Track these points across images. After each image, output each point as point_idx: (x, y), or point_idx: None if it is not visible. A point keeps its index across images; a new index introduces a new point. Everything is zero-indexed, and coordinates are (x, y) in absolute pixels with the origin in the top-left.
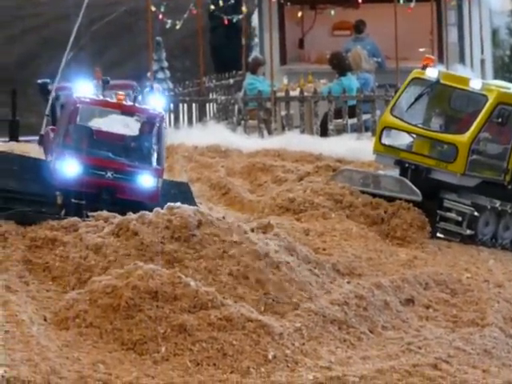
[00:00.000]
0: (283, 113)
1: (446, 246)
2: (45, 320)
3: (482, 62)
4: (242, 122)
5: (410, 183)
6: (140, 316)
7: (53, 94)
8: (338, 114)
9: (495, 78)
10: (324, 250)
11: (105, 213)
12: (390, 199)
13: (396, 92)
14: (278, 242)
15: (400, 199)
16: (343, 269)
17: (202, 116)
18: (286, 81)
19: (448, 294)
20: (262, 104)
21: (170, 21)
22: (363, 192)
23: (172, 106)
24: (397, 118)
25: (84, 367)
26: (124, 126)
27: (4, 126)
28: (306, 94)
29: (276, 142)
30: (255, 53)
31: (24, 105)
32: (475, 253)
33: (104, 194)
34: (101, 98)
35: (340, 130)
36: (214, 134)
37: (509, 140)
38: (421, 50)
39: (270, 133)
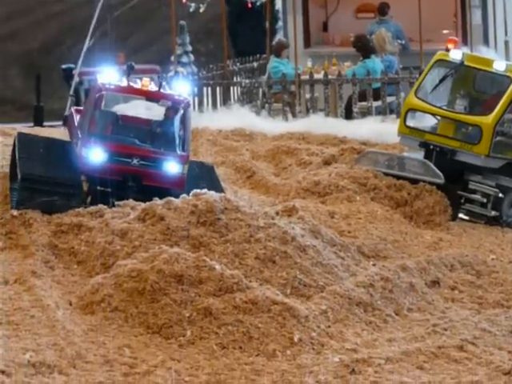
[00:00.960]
0: (307, 96)
1: (471, 227)
2: (70, 304)
3: (506, 43)
4: (267, 105)
5: (433, 166)
6: (165, 300)
7: (76, 79)
8: (363, 96)
9: None
10: (349, 232)
11: (131, 202)
12: (414, 181)
13: (420, 74)
14: (302, 225)
15: (424, 181)
16: (368, 251)
17: (226, 99)
18: (310, 64)
19: (473, 276)
20: (287, 87)
21: (193, 4)
22: (387, 174)
23: (196, 89)
24: (421, 100)
25: (109, 351)
26: (150, 111)
27: (29, 111)
28: (330, 76)
29: (300, 125)
30: (279, 36)
31: (48, 90)
32: (500, 234)
33: (130, 181)
34: (125, 84)
35: (364, 113)
36: (238, 117)
37: None
38: (444, 31)
39: (294, 116)
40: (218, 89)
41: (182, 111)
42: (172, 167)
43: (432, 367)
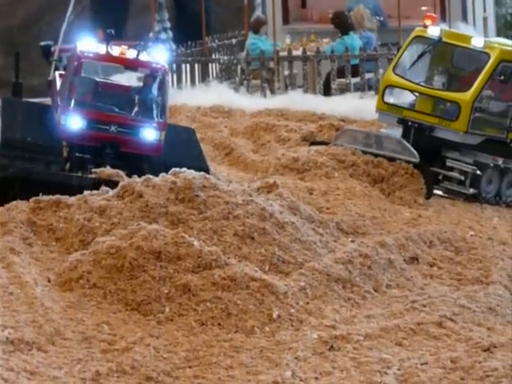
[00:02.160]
0: (286, 72)
1: (450, 204)
2: (49, 281)
3: (485, 20)
4: (245, 81)
5: (408, 145)
6: (144, 276)
7: (56, 56)
8: (341, 73)
9: (498, 36)
10: (328, 209)
11: (108, 169)
12: (391, 159)
13: (398, 50)
14: (281, 201)
15: (400, 160)
16: (347, 227)
17: (204, 76)
18: (288, 40)
19: (452, 252)
20: (265, 64)
21: None
22: (364, 152)
23: (175, 66)
24: (399, 76)
25: (88, 328)
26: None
27: (7, 88)
28: (308, 53)
29: (279, 102)
30: (257, 12)
31: (27, 67)
32: (479, 211)
33: (108, 148)
34: (104, 51)
35: (343, 89)
36: (216, 94)
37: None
38: (423, 8)
39: (272, 92)
40: (196, 66)
41: (159, 78)
42: (149, 134)
43: (411, 344)
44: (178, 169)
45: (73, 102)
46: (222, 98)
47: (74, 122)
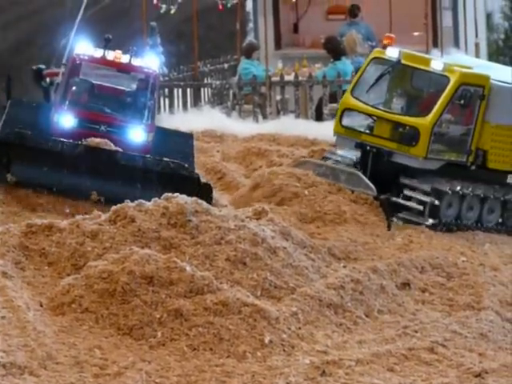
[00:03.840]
0: (278, 97)
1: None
2: (41, 306)
3: (477, 45)
4: (237, 106)
5: (365, 178)
6: (136, 301)
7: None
8: (333, 98)
9: (489, 61)
10: (319, 234)
11: (97, 139)
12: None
13: (357, 72)
14: (273, 227)
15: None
16: (339, 253)
17: (196, 101)
18: (280, 65)
19: (444, 278)
20: (257, 89)
21: (164, 6)
22: None
23: (167, 90)
24: (357, 99)
25: (80, 352)
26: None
27: None
28: (300, 78)
29: (271, 127)
30: (250, 37)
31: (19, 91)
32: (471, 236)
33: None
34: (99, 55)
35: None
36: (208, 118)
37: (471, 120)
38: (415, 33)
39: (264, 117)
40: (188, 90)
41: (150, 83)
42: (137, 135)
43: (402, 369)
44: (170, 194)
45: (66, 101)
46: (214, 123)
47: (66, 121)
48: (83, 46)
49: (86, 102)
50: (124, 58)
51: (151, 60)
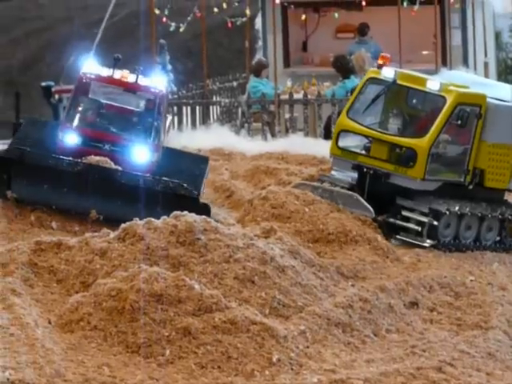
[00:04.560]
0: (287, 115)
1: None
2: (49, 323)
3: (486, 64)
4: (246, 124)
5: (362, 200)
6: (144, 319)
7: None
8: None
9: (499, 80)
10: (326, 253)
11: (97, 157)
12: None
13: (352, 93)
14: (281, 245)
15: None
16: (347, 272)
17: (205, 119)
18: (289, 83)
19: (452, 297)
20: (266, 107)
21: (173, 24)
22: None
23: (176, 108)
24: (353, 120)
25: (89, 370)
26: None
27: (7, 128)
28: (309, 96)
29: (280, 145)
30: (258, 55)
31: (27, 107)
32: (479, 256)
33: None
34: (106, 74)
35: None
36: (217, 136)
37: (468, 140)
38: (424, 52)
39: (273, 136)
40: (197, 108)
41: (156, 102)
42: (141, 154)
43: None
44: (178, 212)
45: (71, 119)
46: (223, 141)
47: (70, 139)
48: (90, 65)
49: (91, 121)
50: (131, 78)
51: (158, 79)
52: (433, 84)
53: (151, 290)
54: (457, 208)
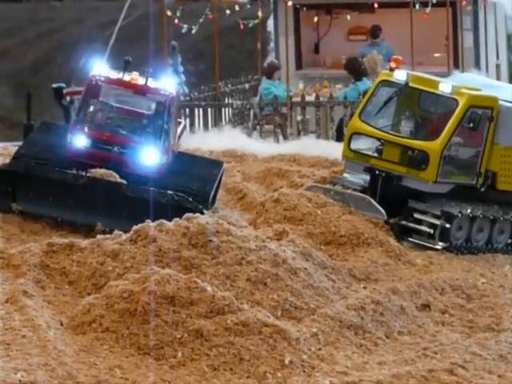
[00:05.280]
0: (299, 118)
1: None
2: (61, 325)
3: (498, 66)
4: (258, 126)
5: (375, 203)
6: (156, 321)
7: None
8: None
9: (510, 82)
10: (338, 255)
11: (102, 170)
12: None
13: (364, 95)
14: (293, 248)
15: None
16: (359, 274)
17: (217, 121)
18: (301, 86)
19: (464, 300)
20: (278, 109)
21: (185, 25)
22: None
23: (188, 110)
24: (365, 123)
25: (101, 372)
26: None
27: (18, 129)
28: (321, 99)
29: (292, 147)
30: (270, 57)
31: (38, 109)
32: (491, 258)
33: (110, 168)
34: (115, 76)
35: None
36: (229, 138)
37: (480, 143)
38: (436, 55)
39: (285, 138)
40: (209, 110)
41: (166, 104)
42: (151, 157)
43: None
44: (191, 214)
45: (81, 122)
46: (235, 143)
47: (79, 141)
48: (100, 67)
49: (100, 123)
50: (140, 80)
51: (168, 82)
52: (445, 86)
53: (163, 292)
54: (469, 210)
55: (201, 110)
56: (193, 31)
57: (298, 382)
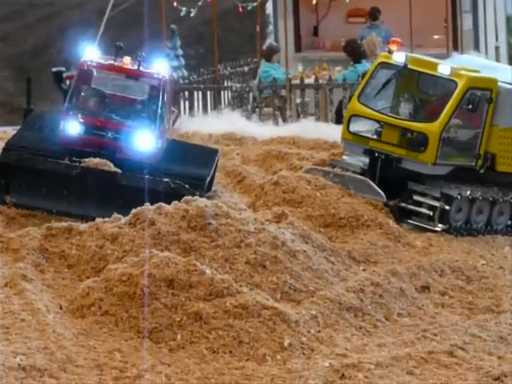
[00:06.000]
0: (298, 100)
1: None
2: (60, 308)
3: (497, 48)
4: (257, 109)
5: (374, 185)
6: (156, 304)
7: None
8: None
9: (510, 64)
10: (337, 238)
11: (96, 159)
12: None
13: (363, 77)
14: (292, 230)
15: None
16: (359, 256)
17: (216, 104)
18: (300, 68)
19: (463, 281)
20: (277, 91)
21: (184, 8)
22: None
23: (187, 93)
24: (364, 105)
25: (100, 355)
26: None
27: (19, 113)
28: (320, 81)
29: (291, 130)
30: (270, 40)
31: (38, 93)
32: (490, 240)
33: (104, 154)
34: (106, 61)
35: None
36: (228, 121)
37: (479, 124)
38: (435, 37)
39: (284, 120)
40: (208, 93)
41: (160, 88)
42: (146, 142)
43: (422, 372)
44: (189, 197)
45: (73, 108)
46: (234, 126)
47: (72, 128)
48: (91, 53)
49: (93, 109)
50: (132, 64)
51: (161, 65)
52: (444, 68)
53: (162, 275)
54: (468, 192)
55: (200, 93)
56: (191, 14)
57: (297, 365)
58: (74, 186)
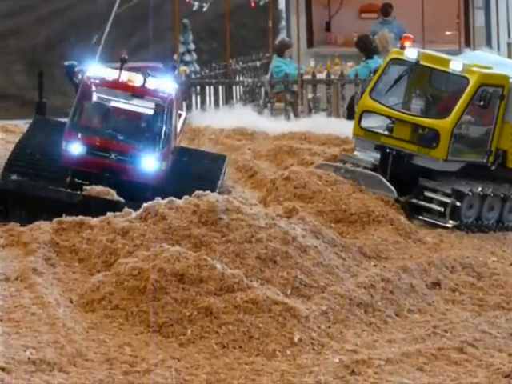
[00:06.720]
0: (310, 95)
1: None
2: (71, 302)
3: (509, 45)
4: (269, 104)
5: (385, 181)
6: (166, 298)
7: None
8: None
9: None
10: (348, 233)
11: (98, 187)
12: None
13: (375, 73)
14: (303, 225)
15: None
16: (369, 252)
17: (228, 98)
18: (312, 63)
19: (474, 278)
20: (289, 87)
21: (197, 3)
22: None
23: (198, 88)
24: (376, 101)
25: (110, 349)
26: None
27: (31, 107)
28: (332, 76)
29: (302, 125)
30: (282, 35)
31: (51, 87)
32: (501, 236)
33: (107, 175)
34: (111, 78)
35: None
36: (240, 116)
37: (491, 121)
38: (447, 33)
39: (296, 115)
40: (220, 88)
41: (165, 108)
42: (150, 163)
43: (432, 369)
44: (201, 191)
45: (76, 126)
46: (246, 121)
47: (74, 148)
48: (95, 68)
49: (96, 128)
50: (137, 81)
51: (167, 83)
52: (456, 65)
53: (173, 270)
54: (479, 189)
55: (212, 87)
56: (204, 9)
57: (307, 360)
58: (75, 214)
